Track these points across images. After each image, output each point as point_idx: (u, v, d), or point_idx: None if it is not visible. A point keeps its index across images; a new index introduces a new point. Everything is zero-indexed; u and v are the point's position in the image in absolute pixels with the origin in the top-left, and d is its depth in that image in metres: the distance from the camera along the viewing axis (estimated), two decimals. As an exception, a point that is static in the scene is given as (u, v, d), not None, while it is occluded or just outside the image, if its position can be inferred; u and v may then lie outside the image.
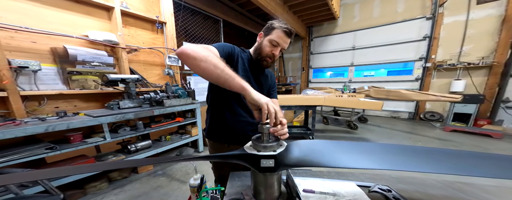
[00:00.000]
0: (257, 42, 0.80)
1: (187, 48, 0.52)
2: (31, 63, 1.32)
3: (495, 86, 3.22)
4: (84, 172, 1.02)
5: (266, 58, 0.77)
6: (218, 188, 0.69)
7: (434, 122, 3.77)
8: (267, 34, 0.76)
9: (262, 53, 0.77)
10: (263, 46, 0.76)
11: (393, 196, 0.56)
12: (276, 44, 0.74)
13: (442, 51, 3.70)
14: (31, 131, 1.12)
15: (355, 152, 0.54)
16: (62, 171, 0.60)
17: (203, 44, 0.61)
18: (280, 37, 0.73)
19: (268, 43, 0.75)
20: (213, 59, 0.51)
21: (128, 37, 2.04)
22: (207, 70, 0.50)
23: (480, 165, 0.52)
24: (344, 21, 4.92)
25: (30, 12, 1.42)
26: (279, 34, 0.73)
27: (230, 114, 0.80)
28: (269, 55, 0.76)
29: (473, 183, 0.71)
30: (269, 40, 0.74)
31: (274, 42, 0.74)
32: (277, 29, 0.73)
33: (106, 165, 0.68)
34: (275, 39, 0.73)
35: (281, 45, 0.74)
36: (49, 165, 1.38)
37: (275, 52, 0.75)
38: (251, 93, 0.49)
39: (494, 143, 2.59)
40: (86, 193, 1.51)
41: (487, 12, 3.23)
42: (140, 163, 0.51)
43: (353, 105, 2.91)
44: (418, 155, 0.56)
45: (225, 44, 0.75)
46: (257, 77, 0.84)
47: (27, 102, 1.42)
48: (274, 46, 0.75)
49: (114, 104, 1.67)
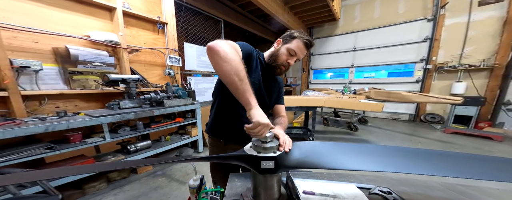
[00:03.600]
0: (273, 48, 0.79)
1: (219, 45, 0.52)
2: (32, 63, 1.33)
3: (496, 89, 3.21)
4: (82, 173, 1.02)
5: (280, 66, 0.76)
6: (217, 189, 0.68)
7: (434, 124, 3.75)
8: (286, 42, 0.75)
9: (278, 60, 0.76)
10: (280, 54, 0.75)
11: (393, 198, 0.56)
12: (294, 54, 0.74)
13: (443, 53, 3.69)
14: (31, 130, 1.12)
15: (355, 154, 0.54)
16: (61, 171, 0.60)
17: (231, 42, 0.60)
18: (299, 47, 0.73)
19: (285, 51, 0.74)
20: (237, 65, 0.51)
21: (130, 37, 2.05)
22: (227, 73, 0.51)
23: (481, 168, 0.52)
24: (345, 22, 4.93)
25: (32, 12, 1.43)
26: (299, 45, 0.73)
27: (233, 114, 0.80)
28: (284, 63, 0.75)
29: (474, 186, 0.70)
30: (287, 49, 0.74)
31: (292, 51, 0.73)
32: (297, 39, 0.73)
33: (105, 166, 0.67)
34: (293, 48, 0.73)
35: (298, 55, 0.74)
36: (48, 165, 1.38)
37: (290, 61, 0.75)
38: (255, 112, 0.50)
39: (495, 146, 2.57)
40: (85, 193, 1.51)
41: (488, 14, 3.22)
42: (139, 164, 0.51)
43: (354, 107, 2.90)
44: (418, 157, 0.56)
45: (246, 45, 0.73)
46: (267, 83, 0.83)
47: (28, 102, 1.43)
48: (291, 55, 0.74)
49: (115, 104, 1.67)
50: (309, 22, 4.97)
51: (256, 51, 0.80)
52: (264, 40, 6.18)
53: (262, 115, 0.50)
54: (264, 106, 0.83)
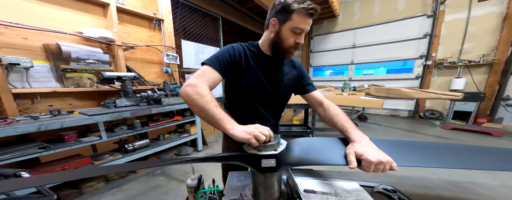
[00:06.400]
0: (271, 33, 0.63)
1: (184, 92, 0.54)
2: (22, 60, 1.28)
3: (496, 84, 3.21)
4: (81, 177, 0.99)
5: (290, 49, 0.62)
6: (216, 188, 0.66)
7: (434, 120, 3.77)
8: (284, 20, 0.58)
9: (284, 45, 0.61)
10: (284, 38, 0.60)
11: (398, 197, 0.54)
12: (300, 32, 0.58)
13: (443, 49, 3.68)
14: (22, 130, 1.08)
15: None
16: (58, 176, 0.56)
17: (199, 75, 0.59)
18: (304, 21, 0.56)
19: (289, 33, 0.59)
20: (201, 103, 0.51)
21: (125, 34, 1.99)
22: (197, 112, 0.53)
23: (478, 158, 0.53)
24: (344, 19, 4.88)
25: (21, 8, 1.37)
26: (302, 18, 0.56)
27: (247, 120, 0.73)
28: (292, 45, 0.61)
29: (480, 183, 0.68)
30: (290, 29, 0.58)
31: (297, 29, 0.57)
32: (297, 12, 0.55)
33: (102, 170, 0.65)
34: (298, 26, 0.57)
35: (305, 30, 0.58)
36: (43, 165, 1.35)
37: (299, 41, 0.60)
38: (234, 132, 0.45)
39: (494, 141, 2.58)
40: (82, 193, 1.48)
41: (488, 10, 3.20)
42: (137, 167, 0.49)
43: (353, 103, 2.89)
44: (415, 150, 0.56)
45: (222, 54, 0.63)
46: (271, 75, 0.71)
47: (20, 100, 1.38)
48: (297, 34, 0.59)
49: (110, 102, 1.63)
50: (308, 19, 4.91)
51: (245, 45, 0.70)
52: (262, 38, 6.13)
53: (241, 129, 0.45)
54: (272, 101, 0.76)
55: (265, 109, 0.76)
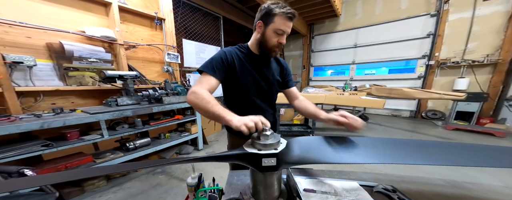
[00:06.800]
0: (257, 34, 0.73)
1: (188, 99, 0.63)
2: (25, 58, 1.29)
3: (499, 84, 3.17)
4: (85, 176, 1.00)
5: (273, 48, 0.73)
6: (216, 187, 0.66)
7: (436, 121, 3.73)
8: (267, 22, 0.68)
9: (268, 45, 0.71)
10: (268, 38, 0.70)
11: (398, 196, 0.54)
12: (282, 33, 0.69)
13: (446, 48, 3.63)
14: (25, 127, 1.09)
15: (354, 147, 0.54)
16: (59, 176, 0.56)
17: (200, 82, 0.68)
18: (285, 24, 0.67)
19: (272, 34, 0.69)
20: (204, 105, 0.59)
21: (126, 33, 2.00)
22: (203, 114, 0.61)
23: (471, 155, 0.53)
24: (346, 19, 4.84)
25: (25, 7, 1.39)
26: (283, 21, 0.66)
27: (245, 109, 0.82)
28: (276, 44, 0.71)
29: (481, 183, 0.68)
30: (273, 30, 0.68)
31: (279, 30, 0.68)
32: (279, 16, 0.66)
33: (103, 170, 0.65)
34: (279, 27, 0.67)
35: (286, 31, 0.69)
36: (46, 163, 1.37)
37: (282, 41, 0.70)
38: (234, 122, 0.51)
39: (496, 142, 2.55)
40: (84, 190, 1.50)
41: (494, 9, 3.15)
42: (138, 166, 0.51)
43: (354, 103, 2.88)
44: (414, 148, 0.57)
45: (215, 60, 0.71)
46: (262, 72, 0.81)
47: (23, 98, 1.40)
48: (279, 35, 0.69)
49: (112, 101, 1.64)
50: (309, 18, 4.88)
51: (234, 48, 0.79)
52: (264, 37, 6.12)
53: (239, 118, 0.52)
54: (266, 94, 0.86)
55: (262, 101, 0.86)
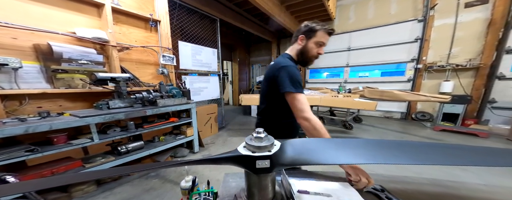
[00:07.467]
0: (299, 45, 0.88)
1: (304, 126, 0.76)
2: (10, 60, 1.24)
3: (482, 87, 3.35)
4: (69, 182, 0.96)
5: (312, 58, 0.88)
6: (210, 190, 0.66)
7: (425, 122, 3.88)
8: (310, 36, 0.84)
9: (309, 55, 0.87)
10: (309, 49, 0.86)
11: (386, 196, 0.56)
12: (322, 44, 0.85)
13: (433, 52, 3.82)
14: (9, 132, 1.04)
15: (345, 148, 0.56)
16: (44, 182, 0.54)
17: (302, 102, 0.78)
18: (325, 38, 0.83)
19: (314, 45, 0.84)
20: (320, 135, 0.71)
21: (120, 35, 1.97)
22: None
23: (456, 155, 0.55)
24: (340, 22, 4.99)
25: (11, 7, 1.34)
26: (324, 35, 0.83)
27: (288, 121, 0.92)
28: (315, 55, 0.87)
29: (464, 182, 0.72)
30: (315, 42, 0.84)
31: (321, 42, 0.84)
32: (320, 31, 0.82)
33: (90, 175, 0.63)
34: (320, 40, 0.83)
35: (325, 43, 0.85)
36: (31, 168, 1.30)
37: (321, 51, 0.86)
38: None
39: (480, 143, 2.68)
40: (72, 197, 1.43)
41: (474, 16, 3.36)
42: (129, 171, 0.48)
43: (348, 105, 2.95)
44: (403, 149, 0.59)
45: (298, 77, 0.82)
46: None
47: (7, 102, 1.34)
48: (320, 46, 0.85)
49: (103, 104, 1.60)
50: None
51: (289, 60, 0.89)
52: (260, 39, 6.16)
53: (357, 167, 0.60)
54: None
55: None
